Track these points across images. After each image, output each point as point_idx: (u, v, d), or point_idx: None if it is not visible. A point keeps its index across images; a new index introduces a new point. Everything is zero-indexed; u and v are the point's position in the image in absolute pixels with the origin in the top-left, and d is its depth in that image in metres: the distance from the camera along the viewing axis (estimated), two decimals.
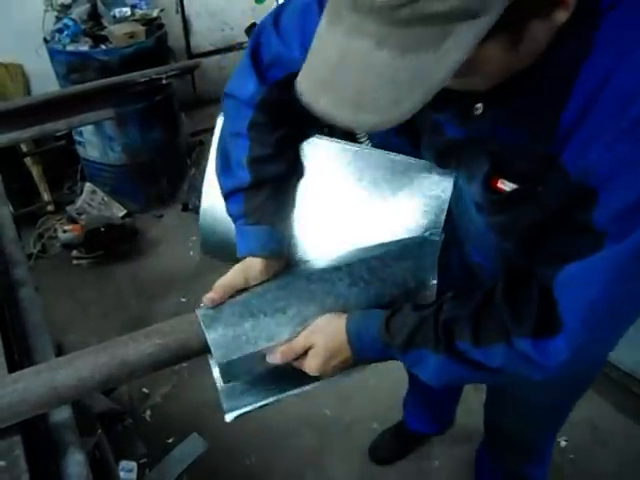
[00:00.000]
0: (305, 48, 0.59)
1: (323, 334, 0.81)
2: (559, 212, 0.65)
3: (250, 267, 0.85)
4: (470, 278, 1.03)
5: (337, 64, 0.53)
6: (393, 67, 0.50)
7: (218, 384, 0.87)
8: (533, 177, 0.66)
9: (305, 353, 0.82)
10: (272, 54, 0.85)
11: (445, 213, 0.89)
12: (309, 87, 0.56)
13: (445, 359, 0.75)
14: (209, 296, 0.82)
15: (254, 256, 0.85)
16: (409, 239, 0.89)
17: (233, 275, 0.84)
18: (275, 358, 0.81)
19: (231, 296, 0.84)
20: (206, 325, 0.80)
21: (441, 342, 0.75)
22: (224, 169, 0.89)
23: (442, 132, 0.79)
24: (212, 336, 0.79)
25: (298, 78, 0.58)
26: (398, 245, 0.89)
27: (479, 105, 0.68)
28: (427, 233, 0.89)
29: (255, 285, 0.86)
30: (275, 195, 0.87)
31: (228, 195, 0.89)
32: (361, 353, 0.81)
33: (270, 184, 0.87)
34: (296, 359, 0.82)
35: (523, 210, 0.70)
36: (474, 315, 0.74)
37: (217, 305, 0.83)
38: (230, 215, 0.90)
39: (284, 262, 0.90)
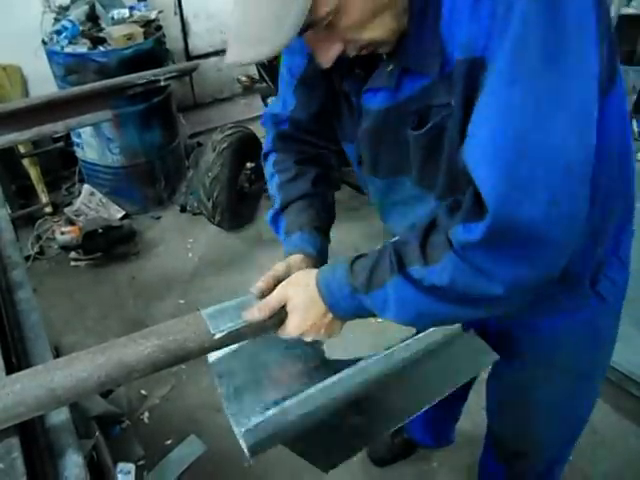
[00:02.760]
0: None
1: (297, 286, 0.83)
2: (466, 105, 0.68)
3: (291, 260, 0.94)
4: None
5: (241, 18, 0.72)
6: (266, 8, 0.66)
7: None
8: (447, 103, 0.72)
9: (280, 312, 0.83)
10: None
11: None
12: (231, 56, 0.71)
13: (403, 288, 0.73)
14: (258, 285, 0.87)
15: (292, 254, 0.95)
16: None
17: (278, 268, 0.91)
18: (252, 314, 0.82)
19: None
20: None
21: (394, 270, 0.73)
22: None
23: (360, 114, 0.85)
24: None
25: (225, 59, 0.72)
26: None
27: (388, 63, 0.76)
28: None
29: None
30: (303, 209, 1.02)
31: (274, 218, 1.08)
32: (333, 302, 0.80)
33: (296, 202, 1.03)
34: (273, 322, 0.83)
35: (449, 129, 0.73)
36: (420, 237, 0.73)
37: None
38: (278, 234, 1.07)
39: (319, 260, 0.97)
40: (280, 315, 0.83)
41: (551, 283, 0.70)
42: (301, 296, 0.82)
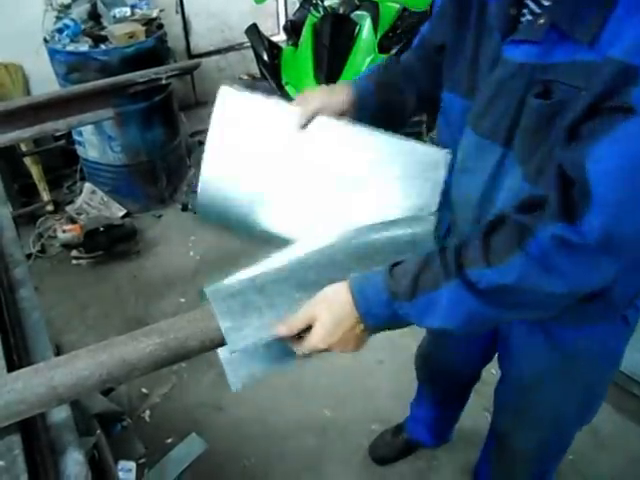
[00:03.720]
0: None
1: (326, 302, 0.79)
2: (593, 105, 0.67)
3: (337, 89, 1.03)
4: None
5: None
6: None
7: (222, 355, 0.88)
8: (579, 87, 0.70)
9: (308, 329, 0.80)
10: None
11: (440, 193, 0.92)
12: None
13: (458, 291, 0.72)
14: (300, 121, 0.96)
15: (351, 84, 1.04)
16: (404, 218, 0.92)
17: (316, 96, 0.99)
18: (279, 331, 0.80)
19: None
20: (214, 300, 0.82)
21: (451, 272, 0.72)
22: None
23: (500, 58, 0.82)
24: (219, 308, 0.80)
25: None
26: (394, 224, 0.91)
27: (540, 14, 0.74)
28: (422, 213, 0.92)
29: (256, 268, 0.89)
30: (386, 84, 1.08)
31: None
32: (367, 310, 0.77)
33: (387, 74, 1.10)
34: (299, 336, 0.81)
35: (562, 118, 0.72)
36: (481, 239, 0.72)
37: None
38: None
39: (355, 103, 1.03)
40: (305, 332, 0.81)
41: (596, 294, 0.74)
42: (332, 309, 0.79)
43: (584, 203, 0.66)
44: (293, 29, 2.87)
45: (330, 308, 0.79)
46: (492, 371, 2.16)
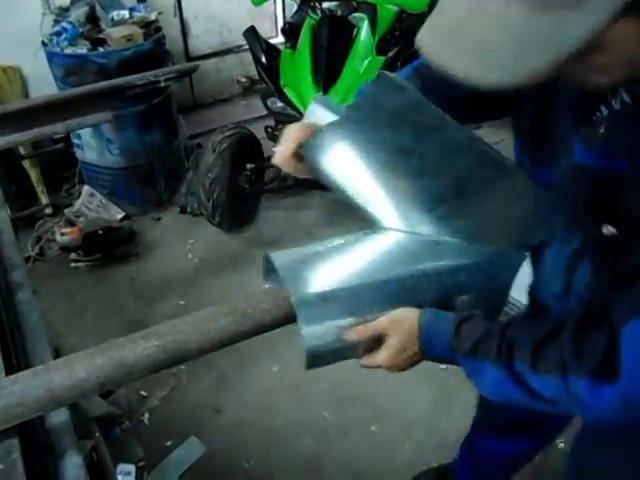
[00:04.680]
0: None
1: (399, 326, 0.84)
2: None
3: None
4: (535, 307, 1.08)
5: (464, 21, 0.54)
6: (521, 24, 0.50)
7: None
8: None
9: (377, 341, 0.85)
10: None
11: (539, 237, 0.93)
12: (430, 41, 0.58)
13: (502, 375, 0.77)
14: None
15: None
16: (497, 250, 0.91)
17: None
18: (349, 335, 0.84)
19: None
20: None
21: (502, 357, 0.76)
22: None
23: (571, 154, 0.78)
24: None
25: (418, 35, 0.59)
26: (484, 254, 0.91)
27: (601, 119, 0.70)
28: (515, 250, 0.92)
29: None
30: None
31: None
32: (428, 351, 0.85)
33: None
34: (367, 351, 0.87)
35: (627, 257, 0.72)
36: (537, 341, 0.74)
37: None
38: None
39: None
40: (371, 343, 0.86)
41: None
42: (402, 337, 0.84)
43: (611, 372, 0.67)
44: (291, 31, 2.87)
45: (400, 331, 0.84)
46: None
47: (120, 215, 3.07)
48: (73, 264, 2.80)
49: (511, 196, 0.92)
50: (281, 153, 0.98)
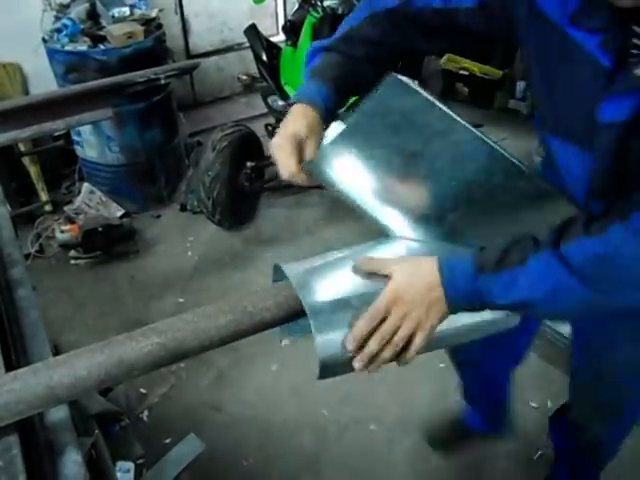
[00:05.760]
0: None
1: (405, 261, 0.81)
2: None
3: (307, 114, 0.92)
4: None
5: None
6: None
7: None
8: None
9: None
10: None
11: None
12: None
13: (548, 261, 0.71)
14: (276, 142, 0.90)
15: (310, 102, 0.94)
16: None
17: (297, 126, 0.91)
18: (359, 329, 0.77)
19: None
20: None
21: (544, 244, 0.73)
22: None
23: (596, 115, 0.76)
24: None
25: None
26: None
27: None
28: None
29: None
30: (341, 65, 0.99)
31: (314, 52, 1.04)
32: (450, 277, 0.76)
33: (341, 54, 1.00)
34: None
35: None
36: (589, 216, 0.73)
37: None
38: (307, 66, 1.03)
39: (326, 114, 0.96)
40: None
41: None
42: (410, 266, 0.78)
43: None
44: (292, 29, 2.87)
45: (410, 264, 0.79)
46: None
47: (120, 212, 3.07)
48: (73, 261, 2.80)
49: (525, 201, 0.89)
50: (288, 169, 0.91)
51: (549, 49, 0.82)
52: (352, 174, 0.92)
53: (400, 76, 0.85)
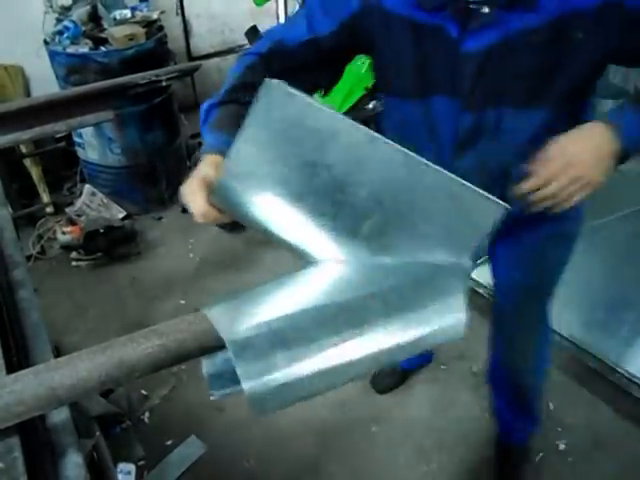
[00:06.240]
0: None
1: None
2: None
3: (216, 161, 0.93)
4: None
5: None
6: None
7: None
8: None
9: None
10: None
11: (486, 243, 0.85)
12: None
13: None
14: (187, 191, 0.91)
15: (218, 152, 0.94)
16: (435, 266, 0.84)
17: (205, 169, 0.92)
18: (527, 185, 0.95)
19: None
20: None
21: None
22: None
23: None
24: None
25: None
26: (427, 272, 0.84)
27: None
28: (461, 260, 0.84)
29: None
30: (240, 115, 0.96)
31: (210, 108, 1.10)
32: (616, 119, 0.95)
33: (238, 105, 1.02)
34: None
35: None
36: None
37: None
38: (203, 123, 1.10)
39: None
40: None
41: None
42: (577, 130, 0.96)
43: None
44: None
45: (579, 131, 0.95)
46: None
47: (121, 214, 3.07)
48: (74, 263, 2.80)
49: (433, 195, 0.83)
50: (198, 209, 0.91)
51: (402, 39, 1.01)
52: (254, 198, 0.88)
53: (275, 81, 0.81)
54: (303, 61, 1.08)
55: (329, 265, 0.87)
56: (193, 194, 0.91)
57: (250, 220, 0.92)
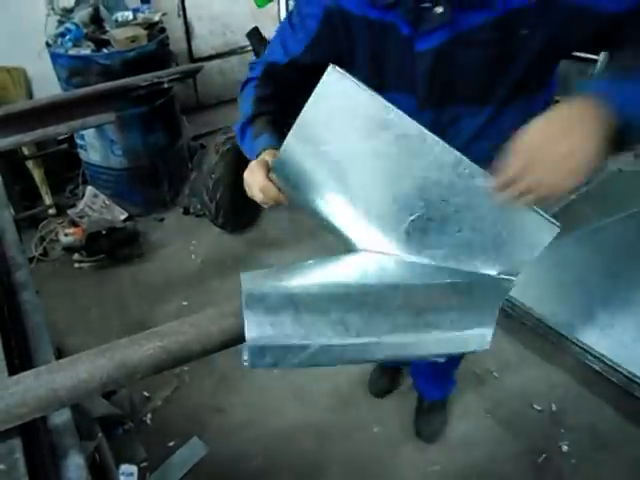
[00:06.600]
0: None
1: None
2: None
3: (273, 152, 0.99)
4: None
5: None
6: None
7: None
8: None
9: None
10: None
11: (528, 263, 0.84)
12: None
13: None
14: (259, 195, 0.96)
15: (265, 151, 1.01)
16: (480, 276, 0.84)
17: (264, 157, 0.99)
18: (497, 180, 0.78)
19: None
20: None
21: None
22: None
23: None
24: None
25: None
26: (465, 279, 0.84)
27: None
28: (501, 275, 0.84)
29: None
30: (271, 122, 1.11)
31: (243, 127, 1.16)
32: (599, 88, 0.77)
33: (266, 116, 1.12)
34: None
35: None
36: None
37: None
38: (243, 141, 1.15)
39: None
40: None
41: None
42: (557, 109, 0.76)
43: None
44: None
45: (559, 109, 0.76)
46: (494, 374, 2.16)
47: (123, 216, 3.07)
48: (76, 264, 2.80)
49: (485, 205, 0.82)
50: (258, 183, 0.95)
51: (359, 38, 1.04)
52: (307, 182, 0.90)
53: (335, 68, 0.82)
54: (293, 79, 1.16)
55: (367, 254, 0.89)
56: (252, 172, 0.97)
57: (302, 200, 0.94)
